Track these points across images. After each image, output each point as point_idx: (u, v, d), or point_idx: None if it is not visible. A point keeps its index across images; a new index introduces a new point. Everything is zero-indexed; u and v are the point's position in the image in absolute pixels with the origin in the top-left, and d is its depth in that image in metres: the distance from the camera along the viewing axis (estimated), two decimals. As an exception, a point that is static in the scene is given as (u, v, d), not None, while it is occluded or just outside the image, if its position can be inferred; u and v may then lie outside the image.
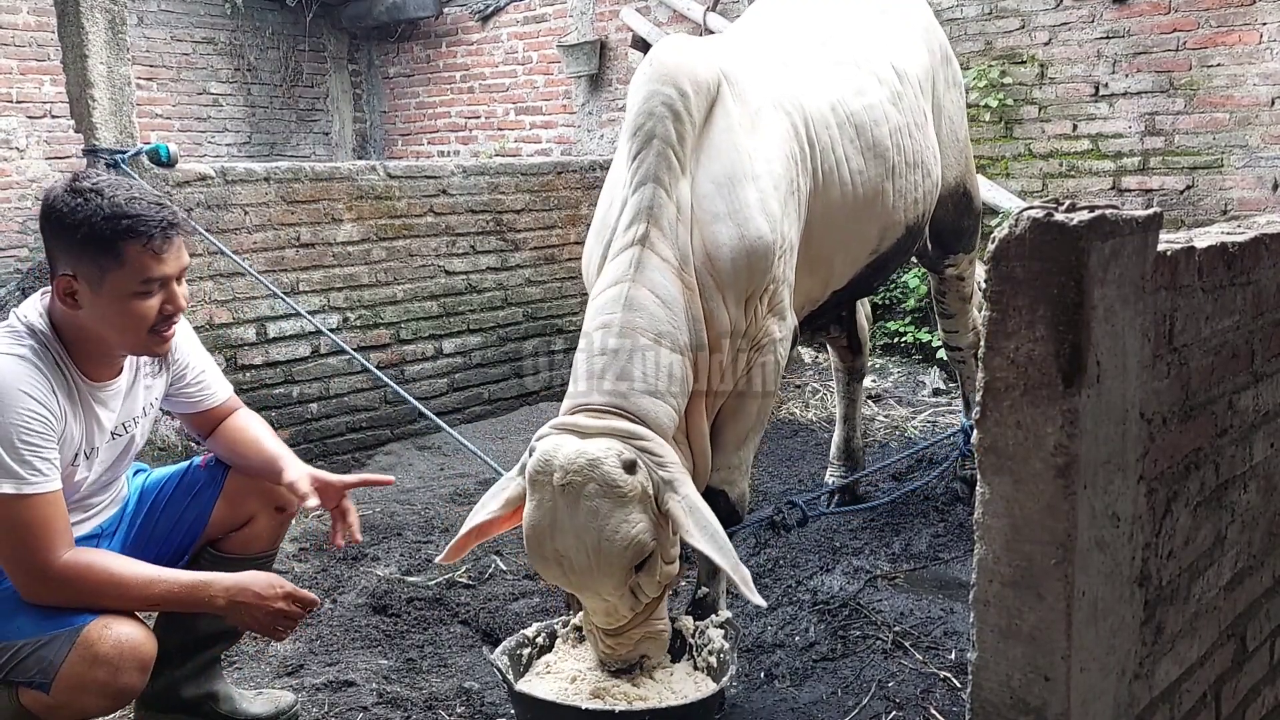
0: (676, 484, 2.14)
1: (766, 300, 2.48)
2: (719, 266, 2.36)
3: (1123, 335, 1.28)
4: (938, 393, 5.47)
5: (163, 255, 1.96)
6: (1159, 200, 5.26)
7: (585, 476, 2.06)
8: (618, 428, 2.15)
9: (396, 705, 2.61)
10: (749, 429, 2.57)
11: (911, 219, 3.07)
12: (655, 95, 2.35)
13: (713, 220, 2.36)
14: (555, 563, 2.14)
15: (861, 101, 2.85)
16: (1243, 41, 5.00)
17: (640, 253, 2.28)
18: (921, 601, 3.11)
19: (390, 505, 4.16)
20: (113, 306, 1.96)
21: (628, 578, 2.14)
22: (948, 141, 3.39)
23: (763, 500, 3.92)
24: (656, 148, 2.32)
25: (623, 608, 2.21)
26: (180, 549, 2.31)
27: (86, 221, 1.90)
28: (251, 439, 2.32)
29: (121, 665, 1.90)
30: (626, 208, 2.34)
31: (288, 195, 4.59)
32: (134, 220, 1.92)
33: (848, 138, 2.76)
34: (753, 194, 2.40)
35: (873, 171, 2.83)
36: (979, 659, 1.32)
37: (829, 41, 2.99)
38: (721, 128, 2.43)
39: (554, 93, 8.11)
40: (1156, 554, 1.45)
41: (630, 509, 2.08)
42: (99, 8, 4.01)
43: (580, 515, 2.07)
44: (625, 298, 2.25)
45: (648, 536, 2.10)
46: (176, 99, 8.37)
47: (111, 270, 1.93)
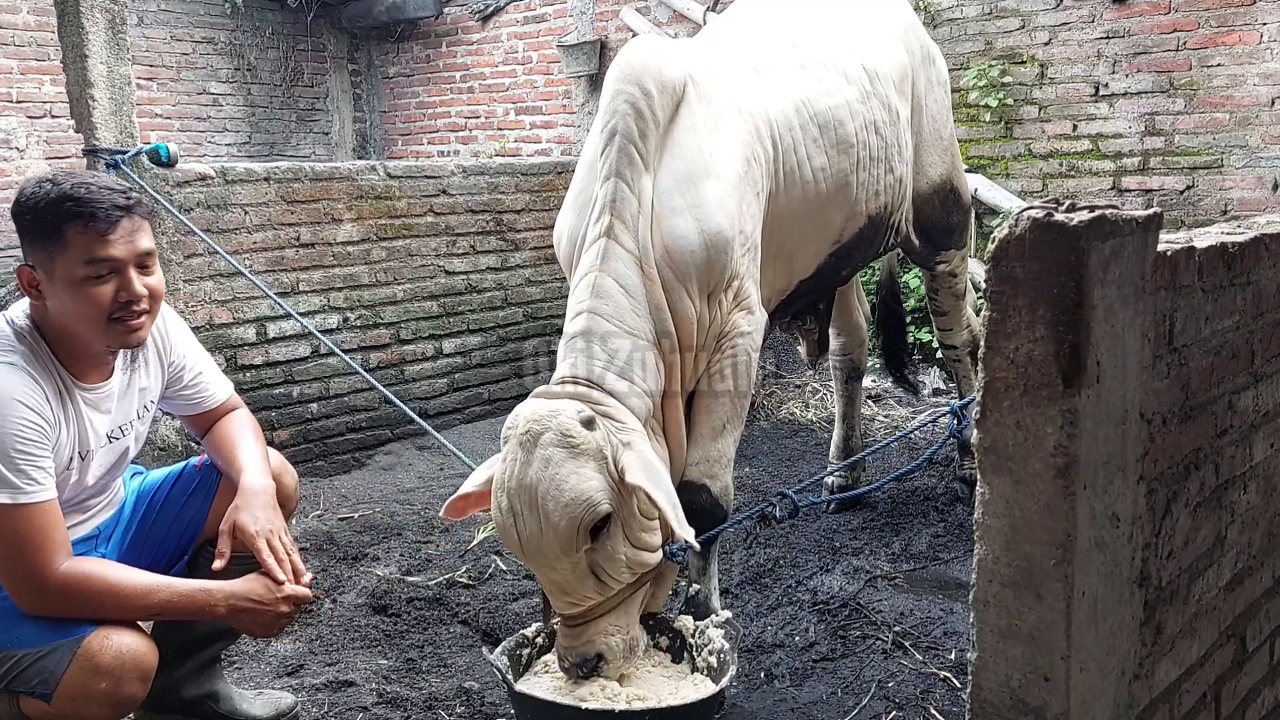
0: (634, 444, 2.21)
1: (731, 294, 2.55)
2: (677, 259, 2.43)
3: (1123, 335, 1.28)
4: (938, 393, 5.47)
5: (107, 236, 1.92)
6: (1159, 200, 5.25)
7: (543, 426, 2.14)
8: (585, 394, 2.25)
9: (396, 705, 2.61)
10: (724, 420, 2.60)
11: (874, 210, 3.14)
12: (621, 94, 2.44)
13: (672, 214, 2.44)
14: (511, 521, 2.16)
15: (828, 101, 2.93)
16: (1243, 41, 5.00)
17: (606, 244, 2.39)
18: (921, 601, 3.11)
19: (390, 505, 4.16)
20: (66, 293, 1.93)
21: (577, 542, 2.12)
22: (930, 140, 3.46)
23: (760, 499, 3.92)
24: (619, 144, 2.42)
25: (581, 587, 2.19)
26: (178, 550, 2.31)
27: (34, 208, 1.91)
28: (228, 446, 2.29)
29: (123, 676, 1.90)
30: (595, 201, 2.44)
31: (288, 195, 4.59)
32: (75, 202, 1.91)
33: (810, 137, 2.85)
34: (713, 191, 2.48)
35: (836, 167, 2.91)
36: (979, 659, 1.32)
37: (800, 43, 3.06)
38: (685, 127, 2.51)
39: (554, 93, 8.11)
40: (1156, 554, 1.45)
41: (582, 462, 2.11)
42: (99, 8, 4.01)
43: (534, 464, 2.12)
44: (594, 286, 2.37)
45: (599, 495, 2.11)
46: (176, 99, 8.36)
47: (58, 255, 1.92)
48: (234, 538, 2.08)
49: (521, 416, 2.19)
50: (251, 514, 2.10)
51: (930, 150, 3.45)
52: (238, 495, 2.15)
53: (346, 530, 3.87)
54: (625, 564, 2.20)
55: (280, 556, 2.07)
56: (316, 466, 4.66)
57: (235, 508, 2.11)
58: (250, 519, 2.08)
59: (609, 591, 2.22)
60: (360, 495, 4.32)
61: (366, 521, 3.96)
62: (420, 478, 4.54)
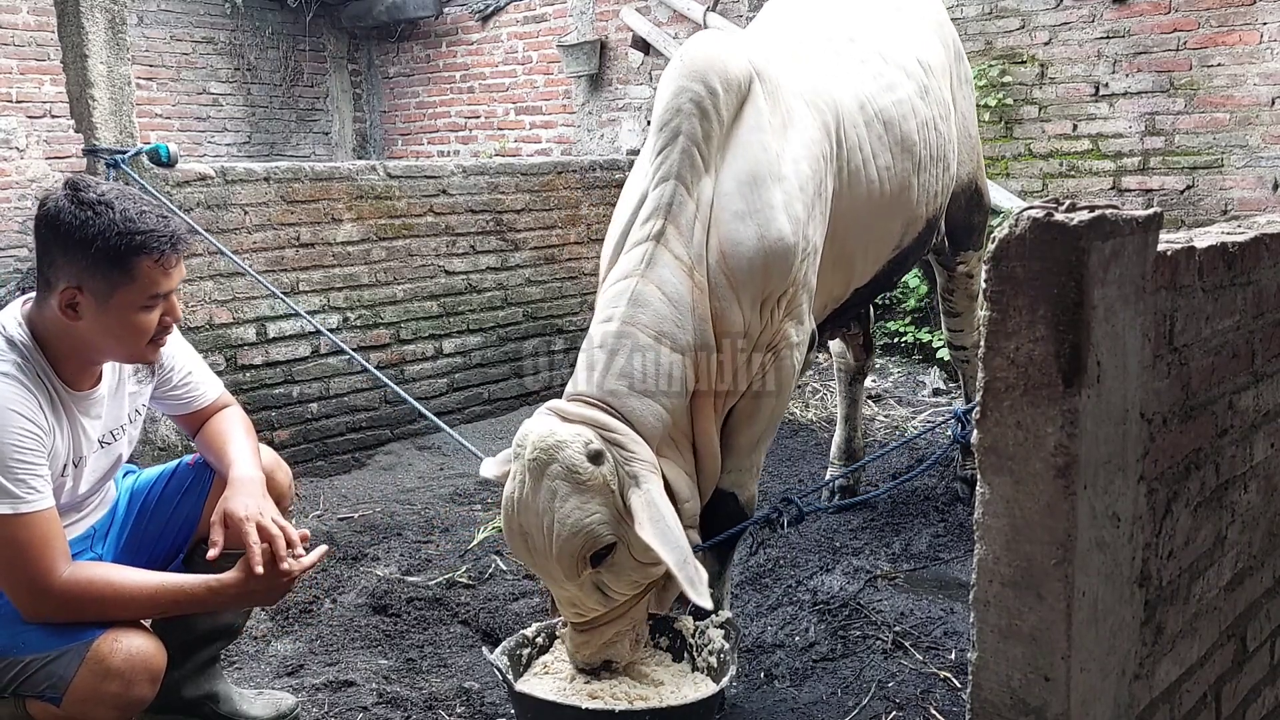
0: (641, 479, 2.13)
1: (784, 304, 2.44)
2: (734, 265, 2.31)
3: (1123, 335, 1.28)
4: (938, 393, 5.47)
5: (170, 271, 1.97)
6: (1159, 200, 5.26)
7: (550, 456, 2.10)
8: (596, 419, 2.17)
9: (396, 705, 2.61)
10: (761, 432, 2.54)
11: (931, 212, 3.07)
12: (684, 91, 2.31)
13: (732, 218, 2.31)
14: (521, 538, 2.16)
15: (891, 97, 2.83)
16: (1243, 41, 5.00)
17: (654, 249, 2.27)
18: (921, 601, 3.11)
19: (390, 505, 4.16)
20: (117, 319, 1.95)
21: (580, 567, 2.12)
22: (960, 138, 3.39)
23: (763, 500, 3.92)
24: (681, 145, 2.29)
25: (587, 601, 2.19)
26: (174, 548, 2.31)
27: (99, 236, 1.88)
28: (218, 443, 2.29)
29: (134, 678, 1.90)
30: (646, 202, 2.32)
31: (288, 195, 4.59)
32: (146, 236, 1.91)
33: (875, 134, 2.74)
34: (778, 195, 2.36)
35: (899, 167, 2.81)
36: (979, 659, 1.32)
37: (856, 38, 2.96)
38: (751, 126, 2.39)
39: (554, 93, 8.11)
40: (1157, 554, 1.45)
41: (587, 496, 2.08)
42: (99, 8, 4.01)
43: (541, 494, 2.10)
44: (632, 293, 2.25)
45: (604, 529, 2.10)
46: (176, 99, 8.36)
47: (122, 286, 1.92)
48: (226, 527, 2.07)
49: (531, 438, 2.14)
50: (241, 501, 2.09)
51: (960, 149, 3.37)
52: (227, 486, 2.15)
53: (346, 530, 3.86)
54: (630, 581, 2.21)
55: (272, 535, 2.03)
56: (316, 466, 4.66)
57: (225, 498, 2.11)
58: (240, 505, 2.08)
59: (614, 604, 2.23)
60: (360, 495, 4.32)
61: (366, 521, 3.96)
62: (420, 478, 4.54)
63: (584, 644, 2.27)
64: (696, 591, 2.04)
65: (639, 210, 2.34)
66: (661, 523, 2.08)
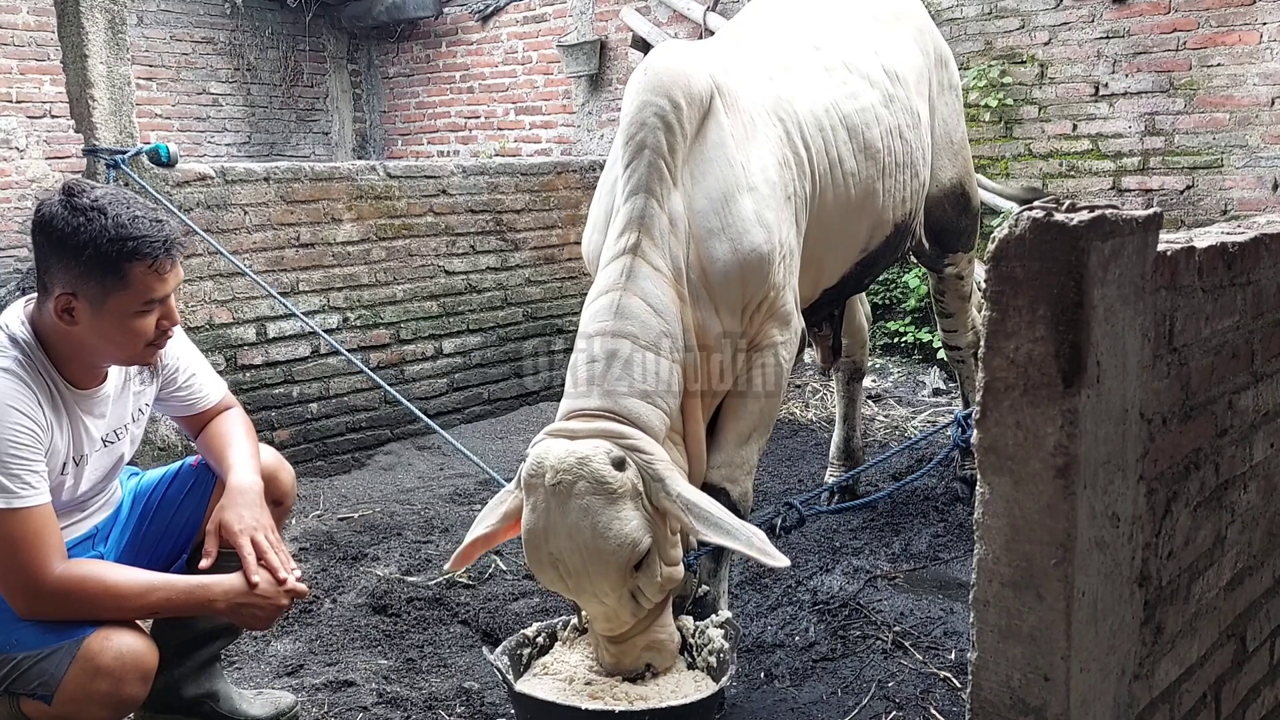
0: (668, 481, 2.15)
1: (765, 307, 2.51)
2: (713, 279, 2.40)
3: (1123, 335, 1.28)
4: (938, 393, 5.47)
5: (165, 275, 1.96)
6: (1159, 200, 5.25)
7: (575, 475, 2.09)
8: (607, 429, 2.19)
9: (396, 705, 2.61)
10: (750, 428, 2.58)
11: (899, 217, 3.12)
12: (648, 105, 2.38)
13: (708, 236, 2.40)
14: (552, 566, 2.15)
15: (854, 105, 2.90)
16: (1243, 41, 5.00)
17: (631, 261, 2.32)
18: (921, 601, 3.11)
19: (390, 505, 4.16)
20: (113, 324, 1.95)
21: (626, 578, 2.14)
22: (942, 144, 3.45)
23: (762, 500, 3.92)
24: (648, 158, 2.35)
25: (623, 612, 2.21)
26: (176, 549, 2.31)
27: (91, 243, 1.87)
28: (219, 445, 2.29)
29: (124, 677, 1.90)
30: (618, 216, 2.38)
31: (287, 195, 4.59)
32: (139, 241, 1.90)
33: (841, 140, 2.81)
34: (749, 207, 2.43)
35: (865, 173, 2.88)
36: (979, 659, 1.32)
37: (822, 46, 3.02)
38: (714, 141, 2.46)
39: (554, 93, 8.11)
40: (1156, 554, 1.45)
41: (621, 505, 2.09)
42: (99, 8, 4.01)
43: (572, 514, 2.08)
44: (617, 305, 2.29)
45: (641, 533, 2.11)
46: (176, 99, 8.36)
47: (116, 291, 1.92)
48: (220, 536, 2.07)
49: (547, 464, 2.12)
50: (236, 512, 2.09)
51: (941, 154, 3.44)
52: (225, 494, 2.15)
53: (346, 530, 3.87)
54: (660, 585, 2.23)
55: (263, 550, 2.05)
56: (316, 466, 4.66)
57: (221, 506, 2.11)
58: (235, 517, 2.08)
59: (644, 611, 2.24)
60: (360, 495, 4.32)
61: (366, 521, 3.96)
62: (420, 478, 4.54)
63: (622, 653, 2.28)
64: (773, 558, 2.09)
65: (612, 223, 2.40)
66: (712, 518, 2.12)
